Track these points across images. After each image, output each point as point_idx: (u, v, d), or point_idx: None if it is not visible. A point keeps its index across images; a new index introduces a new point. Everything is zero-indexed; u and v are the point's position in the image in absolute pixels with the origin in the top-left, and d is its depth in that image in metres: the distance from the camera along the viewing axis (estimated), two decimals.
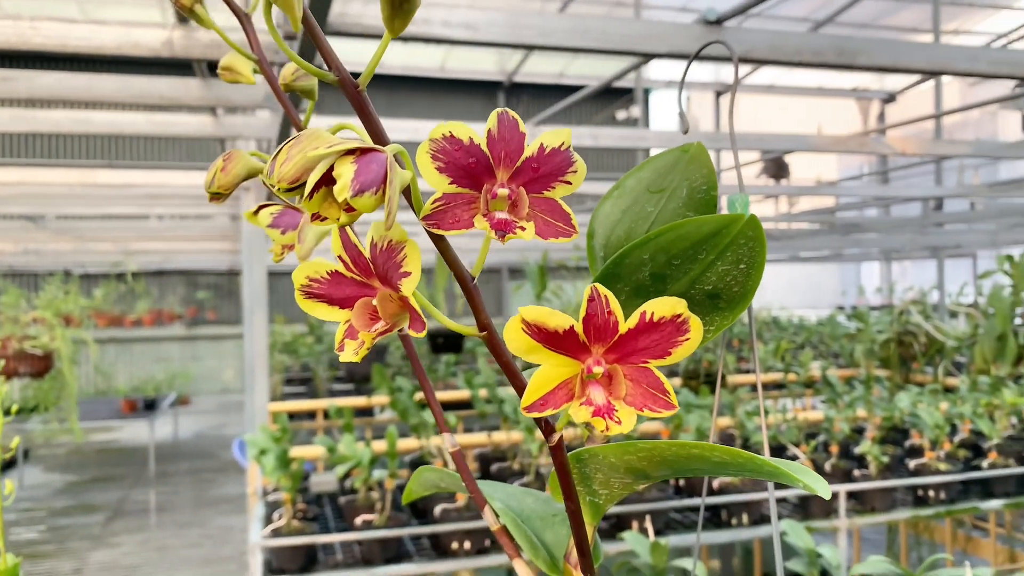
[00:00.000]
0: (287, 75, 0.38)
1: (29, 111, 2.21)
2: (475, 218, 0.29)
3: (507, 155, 0.29)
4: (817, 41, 1.74)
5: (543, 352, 0.29)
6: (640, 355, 0.29)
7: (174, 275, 10.59)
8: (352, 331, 0.30)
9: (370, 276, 0.30)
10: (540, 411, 0.29)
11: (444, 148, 0.29)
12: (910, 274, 14.92)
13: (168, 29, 1.60)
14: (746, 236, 0.37)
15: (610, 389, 0.29)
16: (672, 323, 0.28)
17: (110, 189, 3.73)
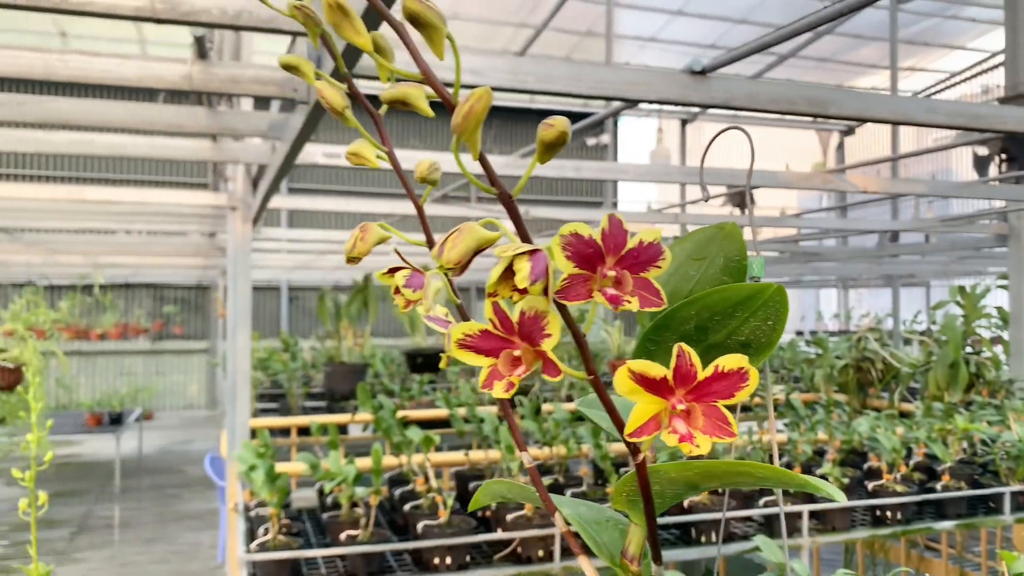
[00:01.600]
0: (422, 170, 0.49)
1: (33, 132, 2.27)
2: (593, 292, 0.40)
3: (615, 246, 0.40)
4: (791, 91, 1.88)
5: (641, 393, 0.40)
6: (712, 396, 0.40)
7: (141, 288, 10.50)
8: (496, 374, 0.41)
9: (513, 334, 0.40)
10: (639, 437, 0.40)
11: (571, 241, 0.39)
12: (866, 301, 15.35)
13: (188, 64, 1.69)
14: (774, 300, 0.49)
15: (689, 421, 0.40)
16: (737, 373, 0.39)
17: (90, 205, 3.76)
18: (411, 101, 0.40)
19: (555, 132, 0.37)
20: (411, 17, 0.36)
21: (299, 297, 11.34)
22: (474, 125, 0.36)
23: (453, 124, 0.37)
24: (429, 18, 0.36)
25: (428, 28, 0.36)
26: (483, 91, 0.36)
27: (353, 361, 4.28)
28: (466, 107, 0.36)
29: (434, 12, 0.36)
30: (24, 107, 1.94)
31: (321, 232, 5.48)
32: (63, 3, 1.23)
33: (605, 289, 0.40)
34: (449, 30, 0.40)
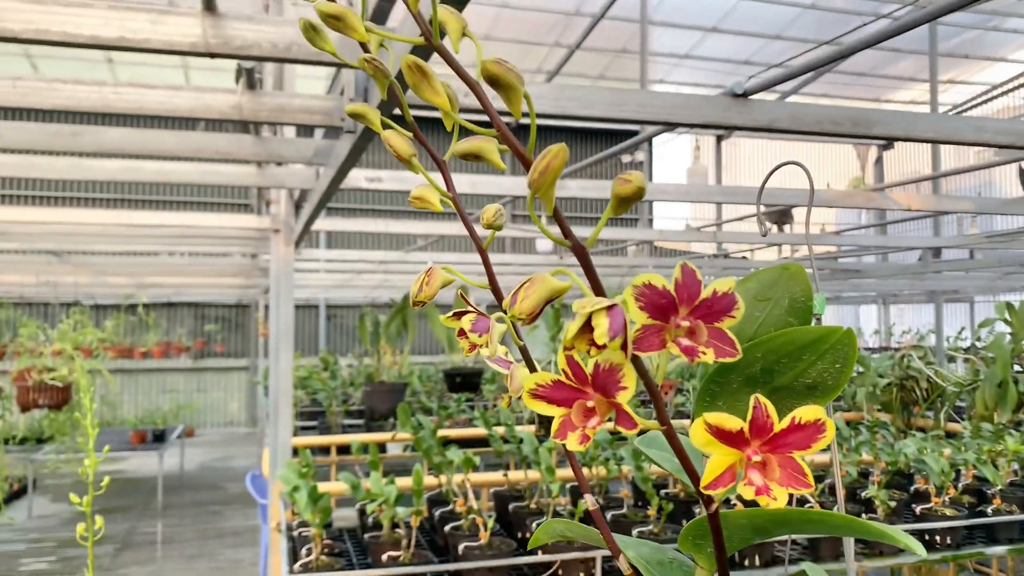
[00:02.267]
0: (488, 217, 0.49)
1: (87, 160, 2.33)
2: (666, 343, 0.40)
3: (688, 296, 0.40)
4: (835, 112, 1.87)
5: (716, 444, 0.40)
6: (788, 448, 0.40)
7: (183, 307, 10.70)
8: (569, 424, 0.41)
9: (586, 385, 0.41)
10: (715, 489, 0.40)
11: (644, 292, 0.40)
12: (907, 317, 15.05)
13: (238, 94, 1.73)
14: (842, 343, 0.49)
15: (765, 472, 0.40)
16: (814, 425, 0.39)
17: (137, 228, 3.84)
18: (484, 155, 0.41)
19: (631, 188, 0.37)
20: (491, 79, 0.37)
21: (337, 315, 11.45)
22: (550, 181, 0.37)
23: (529, 180, 0.38)
24: (509, 80, 0.36)
25: (507, 89, 0.37)
26: (559, 148, 0.37)
27: (392, 380, 4.30)
28: (543, 164, 0.37)
29: (513, 74, 0.37)
30: (79, 137, 2.00)
31: (359, 252, 5.55)
32: (123, 40, 1.27)
33: (679, 340, 0.40)
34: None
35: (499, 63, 0.36)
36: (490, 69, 0.36)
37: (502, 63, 0.36)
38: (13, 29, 1.23)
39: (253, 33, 1.32)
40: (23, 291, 7.33)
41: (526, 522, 2.96)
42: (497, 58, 0.36)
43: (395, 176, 2.64)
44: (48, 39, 1.25)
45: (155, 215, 3.47)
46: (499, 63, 0.36)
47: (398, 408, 2.97)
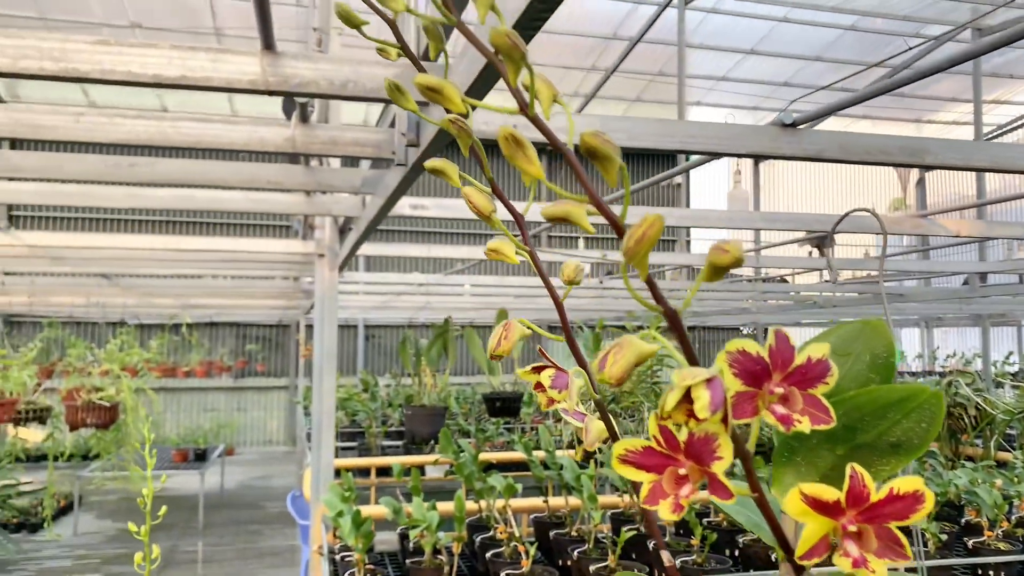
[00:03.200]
0: (569, 273, 0.50)
1: (141, 189, 2.39)
2: (759, 410, 0.40)
3: (782, 363, 0.40)
4: (885, 142, 1.84)
5: (811, 514, 0.39)
6: (885, 518, 0.39)
7: (225, 327, 10.87)
8: (659, 491, 0.41)
9: (678, 453, 0.40)
10: (809, 559, 0.39)
11: (737, 358, 0.40)
12: (951, 340, 14.72)
13: (291, 128, 1.76)
14: (929, 403, 0.48)
15: (860, 543, 0.39)
16: (912, 496, 0.38)
17: (185, 253, 3.92)
18: (573, 219, 0.41)
19: (729, 259, 0.37)
20: (589, 151, 0.37)
21: (375, 335, 11.54)
22: (645, 250, 0.37)
23: (624, 248, 0.38)
24: (606, 152, 0.37)
25: (603, 160, 0.37)
26: (656, 218, 0.37)
27: (432, 403, 4.32)
28: (639, 232, 0.37)
29: (610, 146, 0.37)
30: (136, 168, 2.05)
31: (399, 276, 5.60)
32: (184, 79, 1.30)
33: (773, 407, 0.40)
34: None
35: (597, 135, 0.37)
36: (589, 142, 0.37)
37: (599, 135, 0.37)
38: (80, 69, 1.28)
39: (311, 71, 1.35)
40: (72, 311, 7.51)
41: (567, 549, 2.93)
42: (595, 130, 0.37)
43: (438, 203, 2.67)
44: (113, 79, 1.29)
45: (204, 240, 3.53)
46: (597, 135, 0.37)
47: (440, 433, 2.97)
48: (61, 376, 6.91)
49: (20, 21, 8.51)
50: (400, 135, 1.55)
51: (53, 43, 1.26)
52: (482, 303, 6.26)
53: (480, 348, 4.54)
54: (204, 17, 8.50)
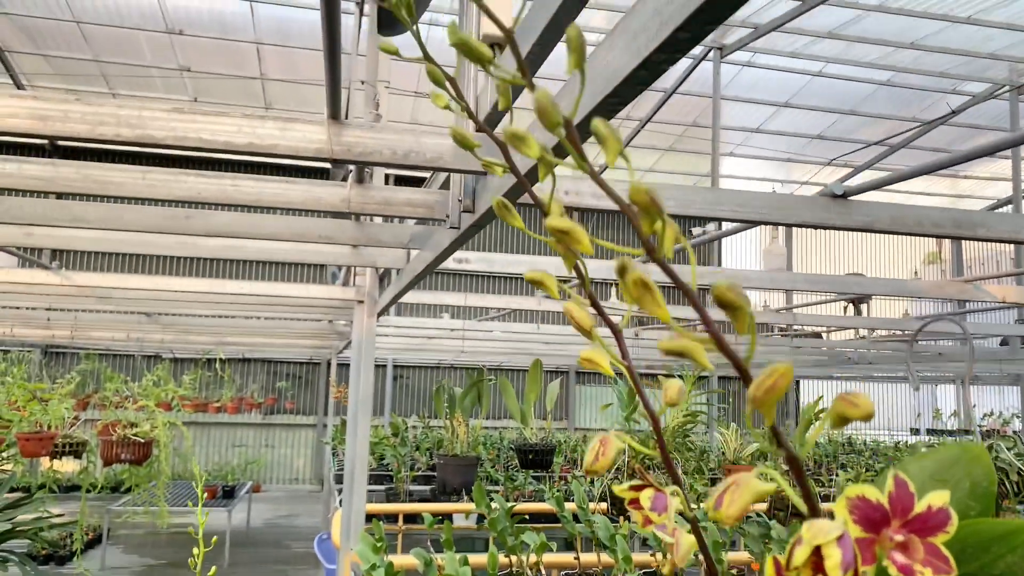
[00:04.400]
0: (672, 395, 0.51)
1: (193, 239, 2.45)
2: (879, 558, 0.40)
3: (902, 510, 0.40)
4: (936, 214, 1.84)
5: None
6: None
7: (256, 363, 10.96)
8: None
9: None
10: None
11: (857, 504, 0.40)
12: (988, 398, 14.40)
13: (347, 188, 1.80)
14: None
15: None
16: None
17: (228, 296, 3.97)
18: (693, 356, 0.42)
19: (860, 413, 0.38)
20: (722, 303, 0.38)
21: (404, 375, 11.56)
22: (773, 400, 0.38)
23: (750, 395, 0.39)
24: (739, 303, 0.38)
25: (736, 310, 0.39)
26: (786, 368, 0.38)
27: (464, 453, 4.31)
28: (768, 382, 0.38)
29: (743, 298, 0.38)
30: (192, 220, 2.10)
31: (432, 321, 5.63)
32: (252, 146, 1.34)
33: (893, 555, 0.40)
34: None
35: (732, 289, 0.38)
36: (723, 296, 0.38)
37: (735, 289, 0.38)
38: (155, 136, 1.32)
39: (374, 141, 1.39)
40: (110, 343, 7.63)
41: None
42: (731, 283, 0.38)
43: (481, 257, 2.69)
44: (185, 144, 1.34)
45: (247, 285, 3.59)
46: (732, 289, 0.38)
47: (474, 487, 2.96)
48: (96, 408, 7.01)
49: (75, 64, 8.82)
50: (456, 200, 1.58)
51: (130, 111, 1.31)
52: (513, 348, 6.27)
53: (513, 396, 4.53)
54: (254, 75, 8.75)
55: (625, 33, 0.83)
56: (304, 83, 9.06)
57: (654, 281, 0.44)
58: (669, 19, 0.73)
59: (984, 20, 7.61)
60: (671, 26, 0.73)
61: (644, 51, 0.78)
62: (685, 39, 0.75)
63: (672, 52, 0.77)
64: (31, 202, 2.04)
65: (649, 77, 0.82)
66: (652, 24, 0.76)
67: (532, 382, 4.29)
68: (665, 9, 0.74)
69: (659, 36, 0.75)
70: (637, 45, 0.80)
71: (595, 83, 0.90)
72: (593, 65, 0.89)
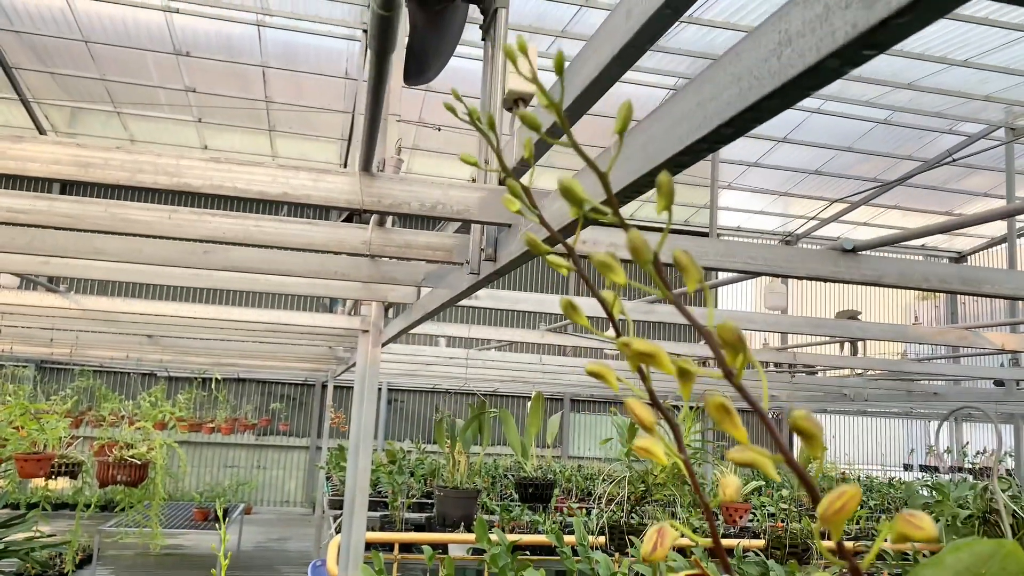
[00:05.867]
0: (729, 494, 0.54)
1: (210, 272, 2.48)
2: None
3: None
4: (943, 271, 1.88)
5: None
6: None
7: (251, 383, 10.93)
8: None
9: None
10: None
11: None
12: (981, 436, 14.43)
13: (368, 231, 1.84)
14: None
15: None
16: None
17: (234, 323, 3.99)
18: (761, 468, 0.45)
19: (922, 536, 0.41)
20: (798, 430, 0.42)
21: (399, 399, 11.54)
22: (843, 520, 0.41)
23: (821, 515, 0.42)
24: (814, 434, 0.42)
25: (810, 439, 0.42)
26: (855, 492, 0.41)
27: (464, 486, 4.31)
28: (839, 504, 0.41)
29: (818, 427, 0.42)
30: (210, 255, 2.13)
31: (431, 349, 5.65)
32: (286, 196, 1.38)
33: None
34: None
35: (807, 419, 0.42)
36: (800, 424, 0.42)
37: (810, 419, 0.42)
38: (192, 184, 1.36)
39: (403, 192, 1.43)
40: (106, 361, 7.61)
41: None
42: (805, 414, 0.42)
43: (489, 294, 2.73)
44: (220, 193, 1.37)
45: (254, 312, 3.62)
46: (807, 419, 0.42)
47: (475, 520, 2.97)
48: (89, 425, 6.98)
49: (81, 82, 8.88)
50: (479, 248, 1.62)
51: (169, 159, 1.34)
52: (510, 376, 6.29)
53: (514, 428, 4.54)
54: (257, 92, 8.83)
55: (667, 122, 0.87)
56: (309, 109, 9.15)
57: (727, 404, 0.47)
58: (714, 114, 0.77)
59: (981, 64, 7.75)
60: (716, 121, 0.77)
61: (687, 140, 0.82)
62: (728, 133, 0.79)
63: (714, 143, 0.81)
64: (53, 234, 2.07)
65: (690, 161, 0.87)
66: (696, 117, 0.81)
67: (534, 415, 4.31)
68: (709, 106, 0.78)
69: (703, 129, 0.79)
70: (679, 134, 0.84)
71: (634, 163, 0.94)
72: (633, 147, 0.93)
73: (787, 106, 0.74)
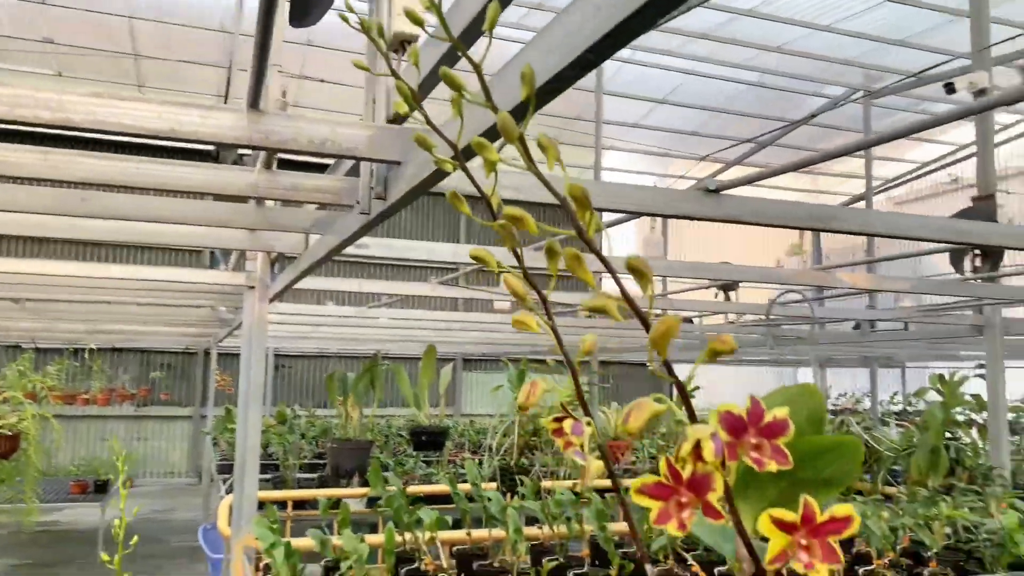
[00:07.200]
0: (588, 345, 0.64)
1: (85, 221, 2.41)
2: (739, 454, 0.55)
3: (755, 420, 0.55)
4: (796, 209, 2.08)
5: (776, 532, 0.54)
6: (826, 534, 0.54)
7: (129, 353, 10.48)
8: (666, 515, 0.55)
9: (680, 485, 0.55)
10: (776, 564, 0.54)
11: (725, 416, 0.54)
12: (843, 380, 15.58)
13: (255, 173, 1.85)
14: (851, 449, 0.64)
15: (809, 552, 0.54)
16: (845, 519, 0.54)
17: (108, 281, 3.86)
18: (608, 310, 0.55)
19: (727, 348, 0.52)
20: (632, 269, 0.52)
21: (286, 365, 11.36)
22: (667, 341, 0.52)
23: (651, 339, 0.52)
24: (644, 270, 0.51)
25: (641, 277, 0.52)
26: (674, 321, 0.51)
27: (358, 438, 4.35)
28: (662, 328, 0.52)
29: (647, 266, 0.51)
30: (88, 203, 2.08)
31: (317, 308, 5.61)
32: (174, 132, 1.39)
33: (750, 452, 0.55)
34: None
35: (639, 260, 0.51)
36: (634, 264, 0.51)
37: (641, 260, 0.51)
38: (74, 120, 1.35)
39: (292, 129, 1.46)
40: None
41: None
42: (639, 258, 0.51)
43: (381, 243, 2.77)
44: (105, 128, 1.37)
45: (130, 269, 3.51)
46: (639, 260, 0.51)
47: (369, 468, 3.04)
48: None
49: None
50: (368, 187, 1.67)
51: (49, 93, 1.33)
52: (402, 335, 6.33)
53: (406, 381, 4.61)
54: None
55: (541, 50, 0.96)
56: (182, 62, 8.73)
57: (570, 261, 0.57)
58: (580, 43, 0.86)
59: (842, 29, 8.25)
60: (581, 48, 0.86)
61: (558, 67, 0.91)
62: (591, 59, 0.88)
63: (580, 69, 0.90)
64: None
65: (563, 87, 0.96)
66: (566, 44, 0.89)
67: (426, 367, 4.39)
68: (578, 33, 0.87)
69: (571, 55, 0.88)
70: (552, 61, 0.92)
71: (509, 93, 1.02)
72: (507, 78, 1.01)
73: (647, 28, 0.83)
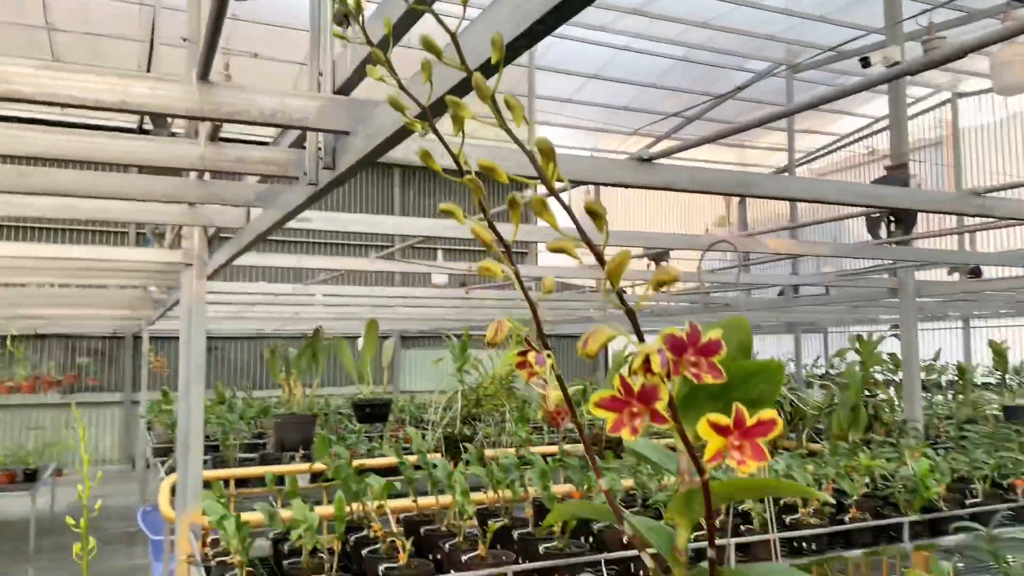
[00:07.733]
0: (547, 286, 0.71)
1: (22, 197, 2.36)
2: (680, 370, 0.64)
3: (694, 341, 0.64)
4: (724, 176, 2.20)
5: (713, 434, 0.63)
6: (755, 435, 0.64)
7: (52, 339, 10.13)
8: (620, 423, 0.64)
9: (632, 397, 0.64)
10: (712, 462, 0.63)
11: (669, 338, 0.63)
12: (769, 346, 16.14)
13: (202, 146, 1.87)
14: (774, 371, 0.74)
15: (741, 451, 0.64)
16: (770, 422, 0.63)
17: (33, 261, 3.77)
18: (567, 250, 0.64)
19: (670, 277, 0.61)
20: (589, 211, 0.60)
21: (219, 347, 11.17)
22: (620, 272, 0.60)
23: (607, 270, 0.60)
24: (599, 211, 0.60)
25: (597, 218, 0.60)
26: (626, 254, 0.60)
27: (302, 412, 4.37)
28: (616, 262, 0.60)
29: (602, 208, 0.60)
30: (27, 178, 2.06)
31: (252, 285, 5.56)
32: (124, 104, 1.41)
33: (689, 368, 0.64)
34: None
35: (595, 204, 0.59)
36: (591, 207, 0.59)
37: (597, 204, 0.59)
38: (24, 91, 1.35)
39: (242, 100, 1.49)
40: None
41: (439, 544, 3.13)
42: (593, 200, 0.59)
43: (324, 216, 2.80)
44: (56, 101, 1.38)
45: (59, 248, 3.45)
46: (595, 204, 0.59)
47: (315, 439, 3.09)
48: None
49: None
50: (316, 158, 1.71)
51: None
52: (340, 312, 6.32)
53: (349, 356, 4.63)
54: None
55: (489, 23, 1.03)
56: (100, 36, 8.43)
57: None
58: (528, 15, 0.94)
59: (765, 5, 8.48)
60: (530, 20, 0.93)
61: (511, 36, 0.98)
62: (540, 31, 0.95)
63: (530, 39, 0.97)
64: None
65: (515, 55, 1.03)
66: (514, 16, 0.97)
67: (369, 341, 4.42)
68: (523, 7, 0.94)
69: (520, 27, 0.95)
70: (507, 28, 0.99)
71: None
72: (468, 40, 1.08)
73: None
